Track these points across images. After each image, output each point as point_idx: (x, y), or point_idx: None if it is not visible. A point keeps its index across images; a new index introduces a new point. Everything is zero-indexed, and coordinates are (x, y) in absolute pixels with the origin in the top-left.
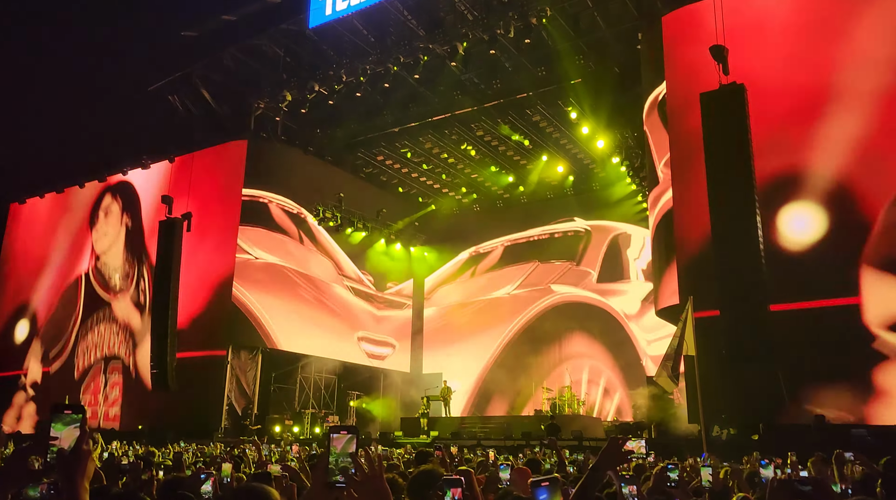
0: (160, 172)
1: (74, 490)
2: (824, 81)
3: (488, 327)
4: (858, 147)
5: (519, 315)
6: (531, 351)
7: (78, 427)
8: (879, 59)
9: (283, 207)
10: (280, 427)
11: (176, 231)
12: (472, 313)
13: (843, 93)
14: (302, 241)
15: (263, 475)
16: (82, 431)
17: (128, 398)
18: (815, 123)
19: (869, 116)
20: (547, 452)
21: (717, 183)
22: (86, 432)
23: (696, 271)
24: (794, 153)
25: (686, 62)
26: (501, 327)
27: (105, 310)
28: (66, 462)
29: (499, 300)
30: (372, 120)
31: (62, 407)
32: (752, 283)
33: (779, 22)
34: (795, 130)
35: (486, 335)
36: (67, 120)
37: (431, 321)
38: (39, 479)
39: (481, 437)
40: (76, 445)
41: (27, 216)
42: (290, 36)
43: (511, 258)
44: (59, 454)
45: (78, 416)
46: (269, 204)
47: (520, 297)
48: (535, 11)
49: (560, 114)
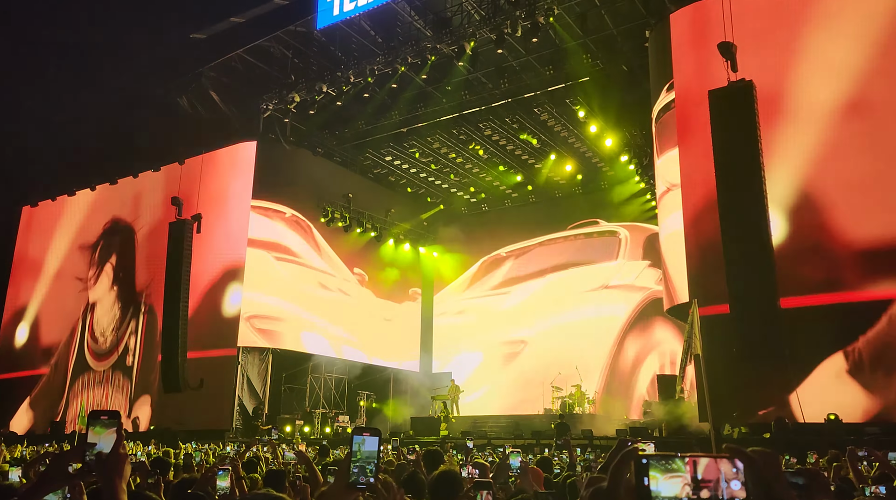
0: (169, 174)
1: (113, 490)
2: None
3: (504, 327)
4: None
5: (542, 315)
6: (554, 350)
7: (114, 432)
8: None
9: (292, 207)
10: (291, 427)
11: (186, 232)
12: (487, 313)
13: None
14: (311, 241)
15: (278, 475)
16: (118, 435)
17: (140, 399)
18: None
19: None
20: (556, 452)
21: (726, 180)
22: (122, 436)
23: (705, 269)
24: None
25: (695, 60)
26: (517, 327)
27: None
28: (105, 465)
29: (515, 301)
30: (380, 120)
31: (99, 413)
32: (762, 280)
33: (788, 18)
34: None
35: (500, 336)
36: (77, 123)
37: (442, 321)
38: (78, 481)
39: (491, 436)
40: (113, 448)
41: (39, 219)
42: (297, 37)
43: (528, 260)
44: (98, 457)
45: (114, 421)
46: (278, 205)
47: (541, 296)
48: (542, 10)
49: (568, 113)
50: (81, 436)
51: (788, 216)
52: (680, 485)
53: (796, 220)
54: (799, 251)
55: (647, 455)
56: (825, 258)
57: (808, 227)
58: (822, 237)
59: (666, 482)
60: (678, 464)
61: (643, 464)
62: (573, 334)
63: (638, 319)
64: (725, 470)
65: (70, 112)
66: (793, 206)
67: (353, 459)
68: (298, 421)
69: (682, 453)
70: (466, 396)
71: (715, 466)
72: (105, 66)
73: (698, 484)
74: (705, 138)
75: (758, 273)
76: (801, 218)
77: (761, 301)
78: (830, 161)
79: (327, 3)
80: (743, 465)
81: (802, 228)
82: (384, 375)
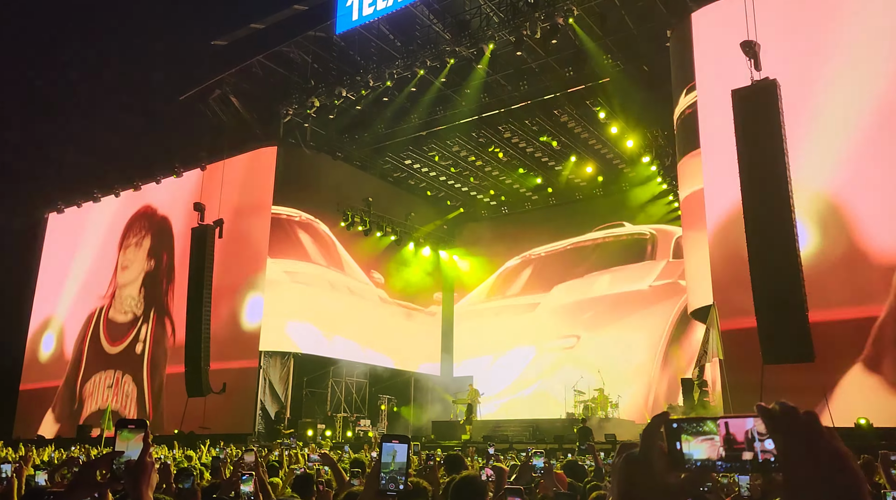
0: (192, 180)
1: (140, 499)
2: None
3: (526, 331)
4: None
5: (568, 319)
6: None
7: (141, 440)
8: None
9: (312, 211)
10: (312, 431)
11: (208, 238)
12: (510, 316)
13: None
14: (330, 246)
15: (306, 479)
16: (145, 444)
17: (163, 403)
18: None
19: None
20: (580, 458)
21: (750, 183)
22: (148, 444)
23: (729, 278)
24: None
25: (717, 59)
26: (538, 332)
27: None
28: (133, 473)
29: (535, 305)
30: (399, 124)
31: (126, 422)
32: (790, 289)
33: (814, 14)
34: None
35: (526, 339)
36: (101, 130)
37: (463, 324)
38: (106, 488)
39: (513, 440)
40: (140, 456)
41: (64, 227)
42: (317, 42)
43: (553, 264)
44: (127, 465)
45: (141, 430)
46: (297, 210)
47: (565, 300)
48: (561, 11)
49: (588, 114)
50: (109, 442)
51: (815, 224)
52: (713, 447)
53: (823, 228)
54: (826, 262)
55: (679, 419)
56: (853, 270)
57: (835, 235)
58: (850, 248)
59: (698, 445)
60: (710, 426)
61: (674, 428)
62: (602, 339)
63: (678, 322)
64: (759, 428)
65: (95, 119)
66: (820, 213)
67: (382, 467)
68: (320, 425)
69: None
70: (487, 401)
71: (745, 425)
72: (128, 74)
73: (731, 445)
74: (729, 140)
75: (785, 281)
76: (827, 226)
77: (789, 311)
78: (859, 166)
79: (346, 7)
80: (773, 422)
81: (829, 237)
82: (405, 378)
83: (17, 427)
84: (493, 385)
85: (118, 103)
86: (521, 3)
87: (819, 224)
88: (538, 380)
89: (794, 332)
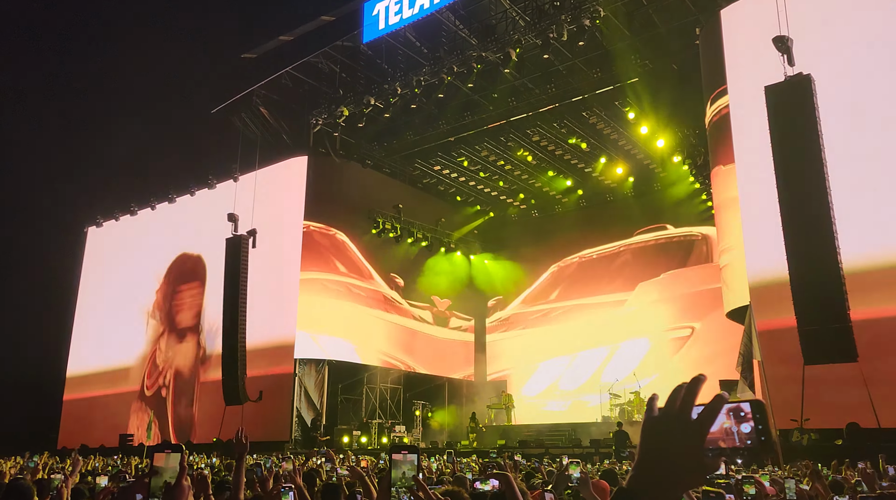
0: (225, 191)
1: None
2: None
3: (563, 334)
4: None
5: (608, 326)
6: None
7: (178, 463)
8: None
9: (343, 219)
10: (348, 438)
11: (242, 248)
12: (543, 321)
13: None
14: (361, 254)
15: (333, 489)
16: (181, 467)
17: (202, 411)
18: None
19: None
20: (616, 463)
21: (787, 182)
22: (184, 468)
23: (767, 285)
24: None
25: (748, 55)
26: (574, 335)
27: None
28: (170, 494)
29: (574, 308)
30: (428, 130)
31: (164, 446)
32: (830, 288)
33: (848, 5)
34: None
35: (559, 342)
36: (137, 144)
37: (496, 329)
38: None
39: (549, 445)
40: (177, 480)
41: (103, 240)
42: (345, 52)
43: (589, 268)
44: (166, 486)
45: (177, 454)
46: (330, 218)
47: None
48: (588, 13)
49: (617, 115)
50: (150, 452)
51: (853, 222)
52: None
53: (861, 230)
54: (865, 260)
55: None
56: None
57: (874, 233)
58: (890, 245)
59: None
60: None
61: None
62: (640, 340)
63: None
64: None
65: (130, 134)
66: (859, 213)
67: (392, 481)
68: (356, 432)
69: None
70: (521, 405)
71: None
72: (160, 89)
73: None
74: (764, 140)
75: (824, 281)
76: (866, 224)
77: (830, 312)
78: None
79: (373, 17)
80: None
81: (868, 234)
82: (439, 383)
83: (61, 437)
84: (529, 387)
85: (152, 117)
86: (547, 6)
87: (857, 223)
88: (572, 383)
89: (835, 331)
